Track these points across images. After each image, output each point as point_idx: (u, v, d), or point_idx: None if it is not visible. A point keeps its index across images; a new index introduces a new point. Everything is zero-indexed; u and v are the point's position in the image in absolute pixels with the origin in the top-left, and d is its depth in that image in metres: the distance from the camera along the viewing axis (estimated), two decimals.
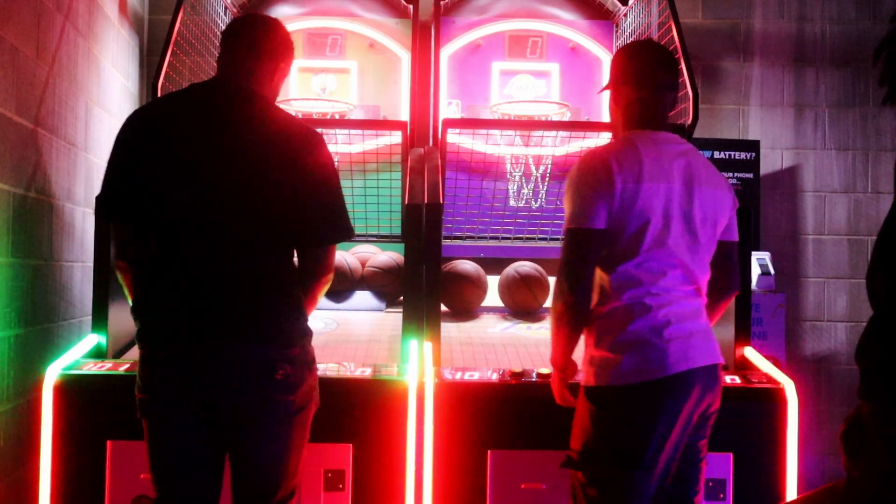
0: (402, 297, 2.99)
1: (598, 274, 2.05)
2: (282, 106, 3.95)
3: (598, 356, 2.01)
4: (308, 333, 2.02)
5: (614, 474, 1.97)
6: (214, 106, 1.97)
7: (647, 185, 2.00)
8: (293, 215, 1.94)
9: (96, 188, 3.35)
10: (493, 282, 3.46)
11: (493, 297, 3.47)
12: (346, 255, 3.52)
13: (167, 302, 1.91)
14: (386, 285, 3.48)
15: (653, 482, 1.96)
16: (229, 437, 1.95)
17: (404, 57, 4.04)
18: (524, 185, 3.79)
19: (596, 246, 1.99)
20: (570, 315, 1.98)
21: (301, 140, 1.96)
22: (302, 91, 4.02)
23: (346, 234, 2.04)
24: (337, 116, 3.85)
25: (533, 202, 3.76)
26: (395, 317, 3.27)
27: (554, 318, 2.02)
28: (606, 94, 2.26)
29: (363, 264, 3.52)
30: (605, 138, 3.97)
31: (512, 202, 3.76)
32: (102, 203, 1.99)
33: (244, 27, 2.09)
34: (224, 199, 1.90)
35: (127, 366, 2.47)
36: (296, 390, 1.94)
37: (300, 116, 3.90)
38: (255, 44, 2.04)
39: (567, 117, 3.81)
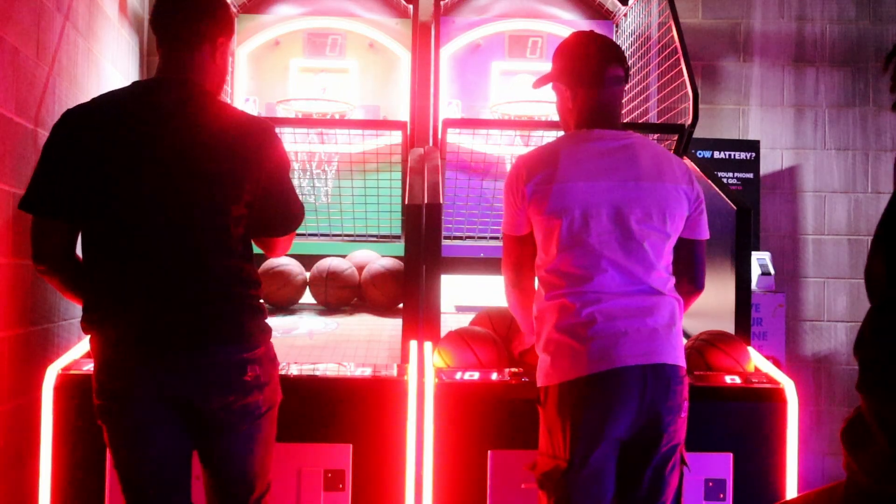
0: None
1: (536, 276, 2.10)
2: (282, 106, 3.98)
3: (539, 356, 2.05)
4: (268, 331, 2.01)
5: (548, 475, 1.98)
6: (155, 105, 1.90)
7: (559, 186, 2.00)
8: (248, 212, 1.92)
9: None
10: (492, 281, 3.46)
11: (491, 297, 3.47)
12: (342, 262, 3.44)
13: (130, 309, 1.86)
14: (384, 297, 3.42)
15: (588, 483, 1.95)
16: (204, 440, 1.94)
17: (404, 57, 4.04)
18: None
19: (518, 250, 2.12)
20: (512, 304, 2.22)
21: (245, 134, 1.92)
22: (302, 91, 4.02)
23: (299, 220, 2.05)
24: (337, 116, 3.85)
25: None
26: (394, 317, 3.27)
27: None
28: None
29: (360, 270, 3.45)
30: None
31: None
32: (34, 197, 1.88)
33: (167, 13, 1.94)
34: (176, 203, 1.86)
35: None
36: (264, 388, 1.95)
37: (300, 116, 3.90)
38: (185, 31, 1.92)
39: None
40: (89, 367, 2.48)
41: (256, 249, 2.06)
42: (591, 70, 2.08)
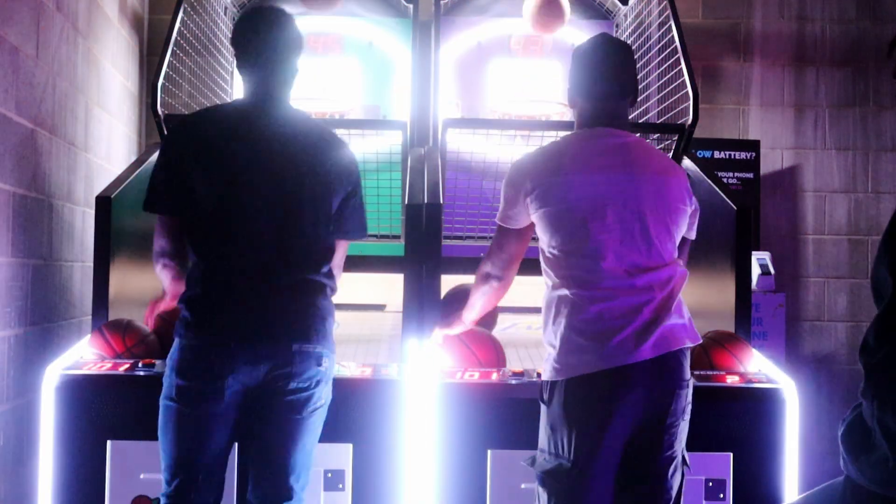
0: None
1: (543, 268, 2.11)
2: None
3: (549, 350, 2.06)
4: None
5: (550, 474, 1.99)
6: (251, 121, 2.12)
7: (564, 179, 2.02)
8: (333, 216, 2.17)
9: (96, 188, 3.35)
10: None
11: None
12: None
13: (228, 300, 2.07)
14: None
15: (592, 483, 1.95)
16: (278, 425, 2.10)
17: (404, 57, 4.03)
18: None
19: (514, 245, 2.17)
20: (484, 293, 2.29)
21: (332, 145, 2.19)
22: (302, 91, 4.01)
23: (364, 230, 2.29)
24: (337, 116, 3.85)
25: None
26: (395, 317, 3.27)
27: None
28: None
29: None
30: None
31: None
32: (154, 196, 2.13)
33: (259, 42, 2.14)
34: (276, 209, 2.08)
35: (127, 366, 2.47)
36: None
37: None
38: (275, 58, 2.14)
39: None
40: (90, 366, 2.48)
41: None
42: (593, 86, 2.12)
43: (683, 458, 2.07)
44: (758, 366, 2.65)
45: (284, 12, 2.20)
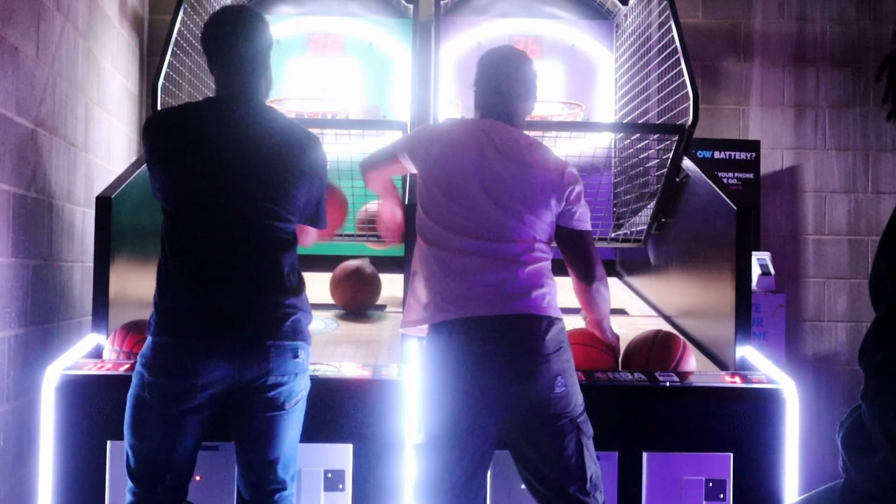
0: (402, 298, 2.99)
1: None
2: (281, 105, 3.97)
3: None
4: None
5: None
6: (221, 119, 2.13)
7: (440, 150, 2.26)
8: (301, 210, 2.17)
9: (96, 188, 3.35)
10: None
11: None
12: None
13: (193, 294, 2.08)
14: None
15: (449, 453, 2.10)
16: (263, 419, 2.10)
17: (404, 57, 4.03)
18: None
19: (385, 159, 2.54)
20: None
21: (297, 142, 2.18)
22: (302, 91, 4.02)
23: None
24: (337, 116, 3.85)
25: None
26: (395, 317, 3.27)
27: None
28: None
29: None
30: (605, 137, 3.97)
31: None
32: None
33: (226, 43, 2.15)
34: (243, 202, 2.08)
35: (127, 366, 2.47)
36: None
37: (294, 116, 3.90)
38: (243, 58, 2.16)
39: (581, 117, 3.82)
40: (90, 366, 2.48)
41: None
42: (479, 95, 2.40)
43: (579, 427, 2.12)
44: (758, 366, 2.64)
45: (252, 12, 2.22)
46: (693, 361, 2.66)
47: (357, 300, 3.35)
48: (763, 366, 2.64)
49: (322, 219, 2.26)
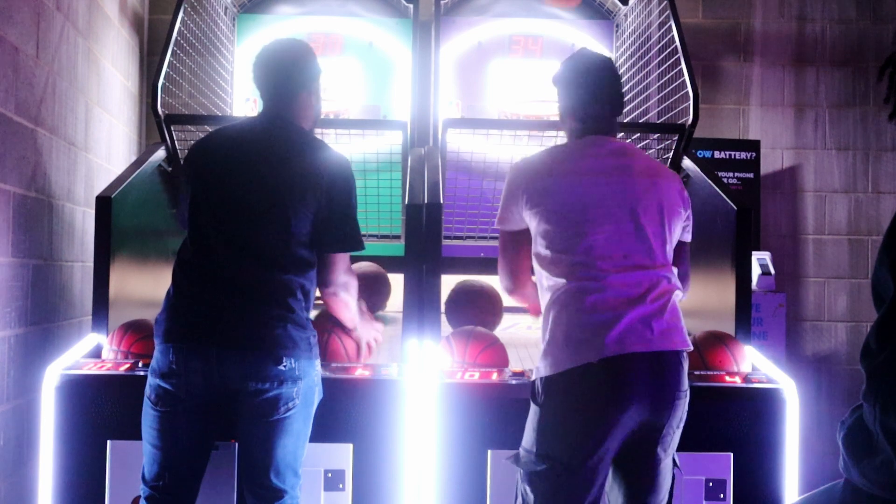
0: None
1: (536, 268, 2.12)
2: None
3: (543, 348, 2.05)
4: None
5: (539, 475, 1.99)
6: (259, 141, 2.20)
7: (554, 182, 2.05)
8: (313, 230, 2.19)
9: (96, 188, 3.35)
10: (491, 282, 3.45)
11: None
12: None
13: (200, 302, 2.13)
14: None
15: (582, 486, 1.95)
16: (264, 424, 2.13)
17: (405, 57, 4.03)
18: None
19: (506, 247, 2.20)
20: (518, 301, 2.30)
21: (331, 168, 2.21)
22: None
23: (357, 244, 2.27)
24: (337, 116, 3.85)
25: None
26: (394, 317, 3.27)
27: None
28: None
29: None
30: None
31: None
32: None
33: (274, 71, 2.28)
34: (261, 222, 2.14)
35: (127, 366, 2.47)
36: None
37: None
38: (288, 84, 2.29)
39: None
40: (90, 366, 2.48)
41: None
42: (584, 109, 2.16)
43: (674, 460, 2.07)
44: (752, 364, 2.65)
45: (301, 45, 2.35)
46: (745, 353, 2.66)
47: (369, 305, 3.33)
48: (763, 365, 2.64)
49: (349, 242, 2.25)
